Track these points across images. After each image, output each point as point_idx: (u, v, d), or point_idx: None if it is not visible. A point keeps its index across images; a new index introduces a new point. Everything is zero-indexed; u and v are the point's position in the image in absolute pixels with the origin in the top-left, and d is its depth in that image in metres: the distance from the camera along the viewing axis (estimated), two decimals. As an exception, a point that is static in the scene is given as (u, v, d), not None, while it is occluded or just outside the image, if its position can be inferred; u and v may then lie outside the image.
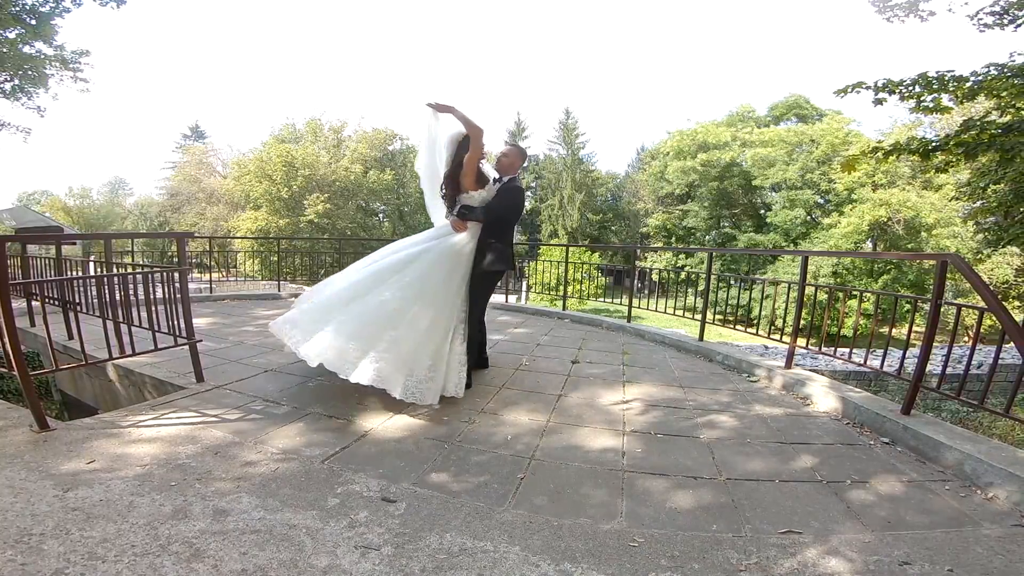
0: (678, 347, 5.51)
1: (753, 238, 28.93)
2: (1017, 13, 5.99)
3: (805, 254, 4.95)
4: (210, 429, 2.82)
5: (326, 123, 33.89)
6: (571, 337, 5.95)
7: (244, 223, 28.97)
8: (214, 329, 5.74)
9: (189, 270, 4.87)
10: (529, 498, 2.24)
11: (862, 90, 6.39)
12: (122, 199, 48.46)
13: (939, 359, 8.62)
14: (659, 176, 33.77)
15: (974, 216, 11.74)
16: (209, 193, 34.80)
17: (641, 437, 2.99)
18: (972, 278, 2.85)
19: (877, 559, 1.85)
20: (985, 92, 6.02)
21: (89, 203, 43.29)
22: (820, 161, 26.87)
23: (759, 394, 3.93)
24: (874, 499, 2.33)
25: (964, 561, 1.84)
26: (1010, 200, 8.07)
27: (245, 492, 2.13)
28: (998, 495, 2.34)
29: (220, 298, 8.45)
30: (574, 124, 38.93)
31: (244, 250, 20.11)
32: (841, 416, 3.43)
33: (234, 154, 36.43)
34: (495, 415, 3.25)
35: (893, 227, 23.60)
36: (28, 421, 2.74)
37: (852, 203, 24.89)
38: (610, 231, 39.16)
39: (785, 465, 2.67)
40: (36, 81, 11.37)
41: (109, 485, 2.12)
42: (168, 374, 3.81)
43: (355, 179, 31.31)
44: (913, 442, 2.87)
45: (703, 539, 1.96)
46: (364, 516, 2.00)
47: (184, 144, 43.69)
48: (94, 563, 1.61)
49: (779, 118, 32.62)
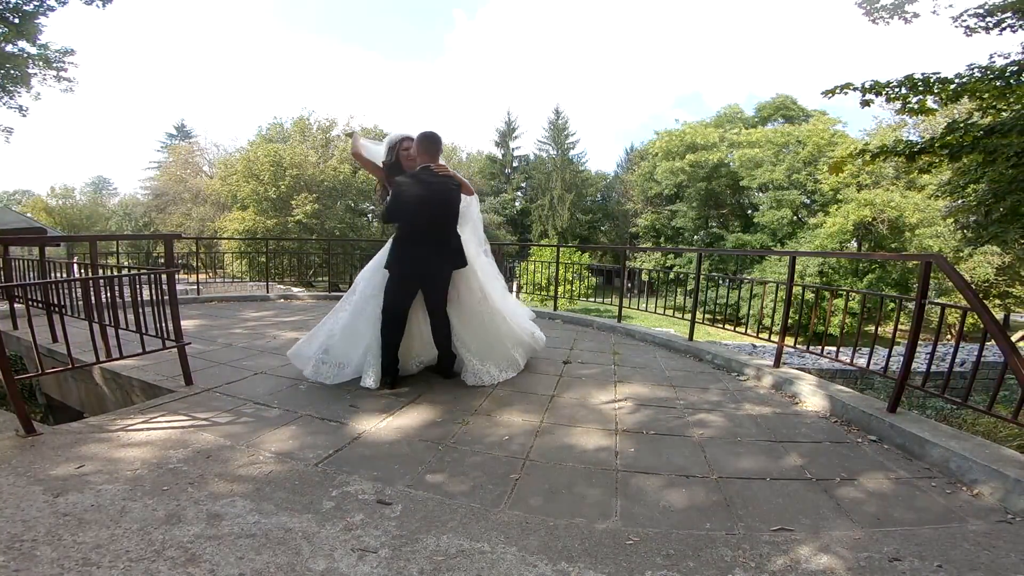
0: (668, 347, 5.55)
1: (741, 238, 29.22)
2: (1001, 16, 6.10)
3: (793, 254, 5.03)
4: (201, 432, 2.79)
5: (314, 122, 33.68)
6: (562, 337, 5.97)
7: (231, 224, 28.71)
8: (202, 331, 5.68)
9: (177, 271, 4.81)
10: (525, 499, 2.25)
11: (849, 91, 6.47)
12: (106, 199, 47.79)
13: (923, 357, 8.78)
14: (648, 176, 33.97)
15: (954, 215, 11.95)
16: (195, 193, 34.43)
17: (633, 436, 3.01)
18: (955, 278, 2.90)
19: (867, 555, 1.88)
20: (968, 94, 6.13)
21: (72, 203, 42.68)
22: (806, 162, 27.21)
23: (748, 393, 3.98)
24: (863, 496, 2.37)
25: (952, 557, 1.88)
26: (990, 200, 8.22)
27: (239, 496, 2.12)
28: (983, 491, 2.40)
29: (207, 300, 8.37)
30: (564, 124, 39.06)
31: (231, 251, 19.92)
32: (829, 414, 3.48)
33: (221, 153, 36.18)
34: (488, 416, 3.26)
35: (877, 227, 23.97)
36: (13, 425, 2.70)
37: (837, 203, 25.25)
38: (599, 231, 39.35)
39: (775, 463, 2.70)
40: (18, 80, 11.20)
41: (100, 490, 2.09)
42: (156, 377, 3.77)
43: (344, 179, 31.12)
44: (900, 440, 2.92)
45: (697, 537, 1.99)
46: (360, 519, 1.99)
47: (169, 143, 43.21)
48: (88, 569, 1.59)
49: (766, 119, 32.99)
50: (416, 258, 3.68)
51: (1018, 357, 2.52)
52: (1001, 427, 6.02)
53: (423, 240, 3.69)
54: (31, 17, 9.83)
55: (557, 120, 39.12)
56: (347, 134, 5.28)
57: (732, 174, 29.92)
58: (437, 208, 3.70)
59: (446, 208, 3.75)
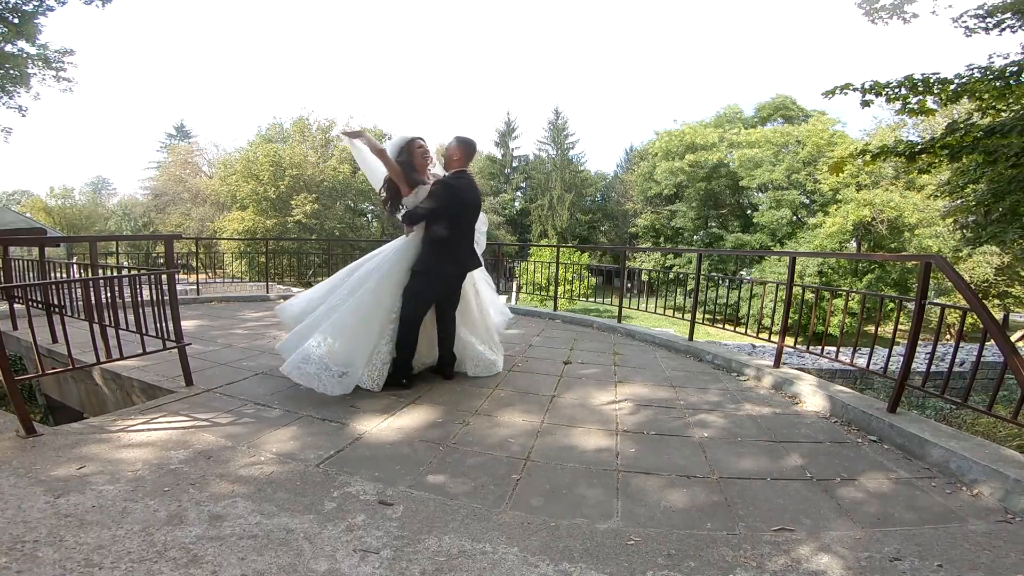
0: (668, 347, 5.55)
1: (740, 238, 29.22)
2: (1001, 16, 6.10)
3: (793, 255, 5.04)
4: (202, 433, 2.79)
5: (314, 122, 33.71)
6: (562, 337, 5.98)
7: (230, 224, 28.71)
8: (202, 332, 5.68)
9: (177, 271, 4.81)
10: (526, 499, 2.25)
11: (849, 92, 6.47)
12: (105, 199, 47.73)
13: (923, 357, 8.79)
14: (648, 176, 33.95)
15: (953, 214, 11.96)
16: (195, 193, 34.42)
17: (634, 437, 3.01)
18: (955, 279, 2.91)
19: (868, 555, 1.88)
20: (968, 94, 6.13)
21: (71, 203, 42.63)
22: (806, 162, 27.22)
23: (749, 393, 3.98)
24: (863, 496, 2.37)
25: (952, 557, 1.88)
26: (988, 199, 8.24)
27: (240, 497, 2.12)
28: (983, 491, 2.40)
29: (207, 300, 8.37)
30: (563, 124, 39.04)
31: (231, 251, 19.91)
32: (829, 414, 3.49)
33: (220, 154, 36.14)
34: (489, 416, 3.26)
35: (877, 227, 23.98)
36: (14, 426, 2.70)
37: (837, 203, 25.25)
38: (599, 231, 39.32)
39: (776, 463, 2.71)
40: (18, 81, 11.18)
41: (101, 491, 2.09)
42: (157, 378, 3.77)
43: (343, 179, 31.15)
44: (900, 440, 2.92)
45: (698, 537, 1.99)
46: (362, 519, 2.00)
47: (169, 143, 43.17)
48: (91, 570, 1.59)
49: (766, 119, 32.97)
50: (459, 260, 3.79)
51: (1018, 357, 2.52)
52: (1001, 427, 6.03)
53: (464, 241, 3.82)
54: (30, 17, 9.81)
55: (557, 120, 39.10)
56: (351, 133, 4.89)
57: (731, 174, 29.91)
58: (476, 211, 3.90)
59: (479, 211, 3.97)
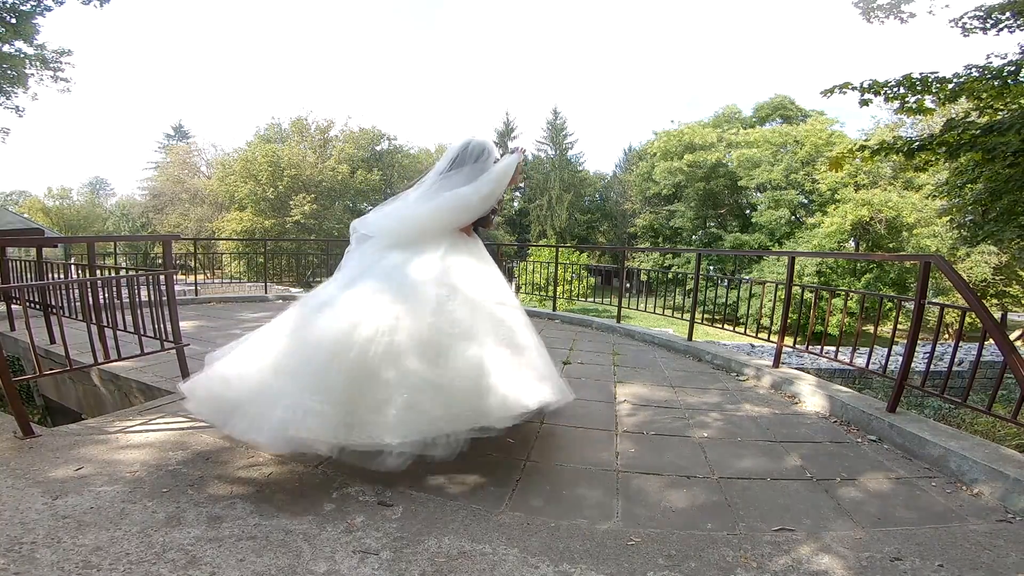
0: (667, 347, 5.55)
1: (739, 238, 29.20)
2: (999, 17, 6.11)
3: (792, 255, 5.05)
4: (200, 435, 2.78)
5: (312, 123, 33.62)
6: (562, 337, 5.97)
7: (229, 224, 28.68)
8: (200, 332, 5.66)
9: (175, 272, 4.80)
10: (526, 500, 2.25)
11: (848, 91, 6.48)
12: (103, 200, 47.61)
13: (922, 357, 8.80)
14: (646, 176, 33.92)
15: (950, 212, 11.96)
16: (193, 194, 34.36)
17: (634, 437, 3.01)
18: (954, 279, 2.91)
19: (869, 555, 1.88)
20: (966, 94, 6.15)
21: (69, 204, 42.53)
22: (804, 161, 27.20)
23: (748, 393, 3.98)
24: (864, 496, 2.37)
25: (953, 556, 1.88)
26: (986, 198, 8.24)
27: (239, 498, 2.11)
28: (983, 491, 2.40)
29: (205, 300, 8.35)
30: (562, 124, 39.01)
31: (229, 251, 19.88)
32: (829, 414, 3.49)
33: (218, 154, 36.09)
34: (489, 417, 3.25)
35: (875, 227, 24.00)
36: (12, 428, 2.69)
37: (835, 203, 25.24)
38: (598, 231, 39.32)
39: (776, 463, 2.71)
40: (15, 81, 11.15)
41: (99, 492, 2.08)
42: (155, 378, 3.76)
43: (342, 179, 31.11)
44: (899, 439, 2.92)
45: (698, 537, 1.99)
46: (361, 520, 1.99)
47: (167, 144, 43.04)
48: (89, 571, 1.58)
49: (764, 119, 32.95)
50: None
51: (1017, 356, 2.52)
52: (1000, 426, 6.04)
53: None
54: (28, 17, 9.80)
55: (555, 120, 39.06)
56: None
57: (730, 174, 29.88)
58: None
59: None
